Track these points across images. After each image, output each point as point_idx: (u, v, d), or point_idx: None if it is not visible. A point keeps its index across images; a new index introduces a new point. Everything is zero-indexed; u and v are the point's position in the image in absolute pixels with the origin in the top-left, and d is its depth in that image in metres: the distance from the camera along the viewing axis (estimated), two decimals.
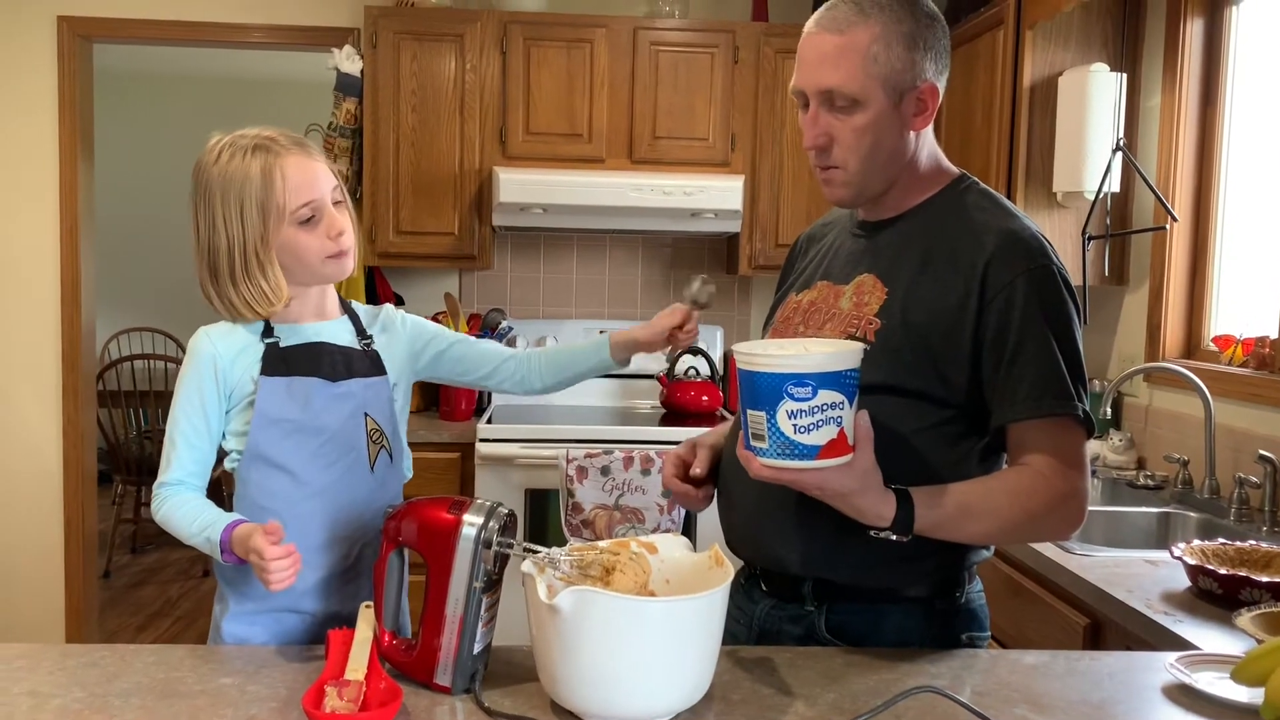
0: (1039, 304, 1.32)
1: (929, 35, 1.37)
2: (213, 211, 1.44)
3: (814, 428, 1.18)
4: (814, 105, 1.38)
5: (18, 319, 3.79)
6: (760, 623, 1.48)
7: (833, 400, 1.17)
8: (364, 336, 1.55)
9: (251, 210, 1.42)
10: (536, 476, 3.22)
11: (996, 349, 1.33)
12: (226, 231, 1.43)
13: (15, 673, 1.26)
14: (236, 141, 1.45)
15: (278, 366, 1.47)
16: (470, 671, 1.23)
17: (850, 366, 1.19)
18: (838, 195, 1.43)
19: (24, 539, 3.85)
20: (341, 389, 1.49)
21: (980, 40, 3.12)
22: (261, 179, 1.42)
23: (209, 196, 1.44)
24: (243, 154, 1.43)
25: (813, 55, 1.36)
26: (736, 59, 3.54)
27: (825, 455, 1.19)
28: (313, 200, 1.44)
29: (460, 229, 3.55)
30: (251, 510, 1.46)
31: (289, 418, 1.46)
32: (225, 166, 1.43)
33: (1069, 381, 1.32)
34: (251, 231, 1.43)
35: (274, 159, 1.43)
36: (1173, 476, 2.58)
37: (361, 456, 1.49)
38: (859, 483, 1.24)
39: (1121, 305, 3.00)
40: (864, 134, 1.36)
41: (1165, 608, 1.69)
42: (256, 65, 6.37)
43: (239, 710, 1.17)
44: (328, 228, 1.45)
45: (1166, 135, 2.77)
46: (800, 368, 1.16)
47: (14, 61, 3.71)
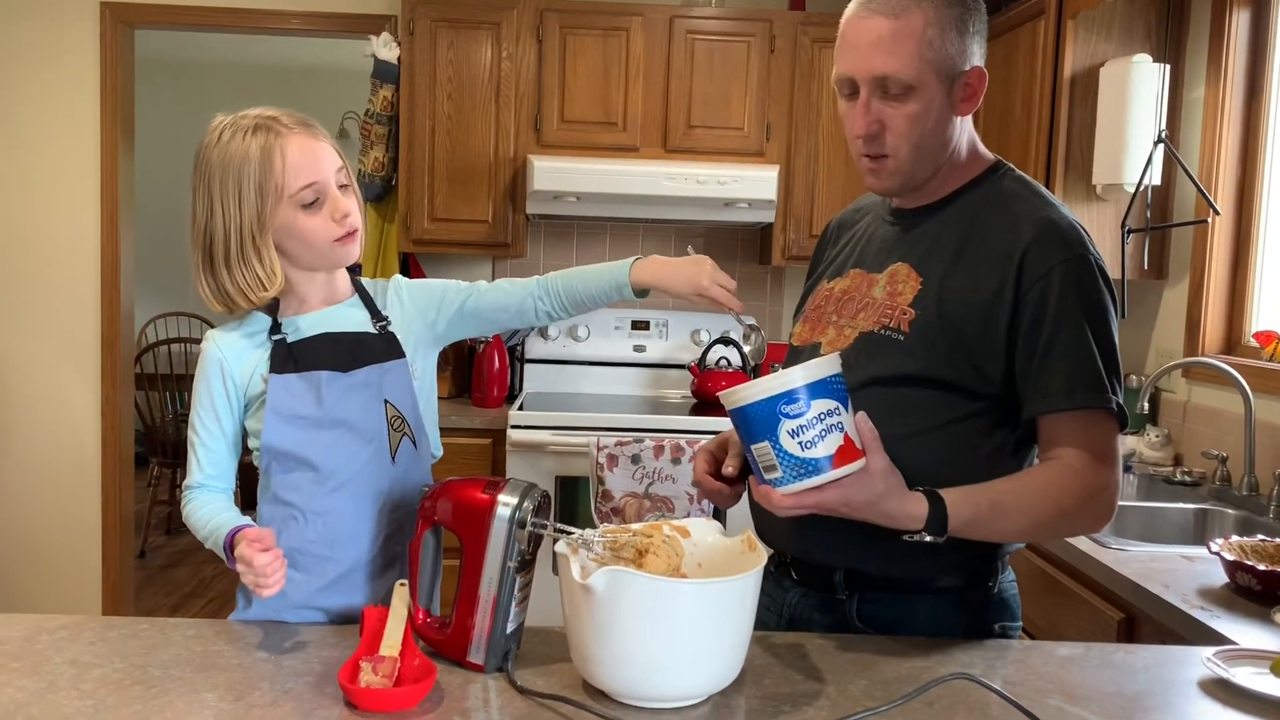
0: (1075, 295, 1.30)
1: (976, 18, 1.35)
2: (210, 194, 1.40)
3: (819, 439, 1.17)
4: (865, 92, 1.34)
5: (59, 301, 3.85)
6: (791, 611, 1.47)
7: (828, 408, 1.17)
8: (378, 317, 1.50)
9: (250, 192, 1.37)
10: (567, 464, 3.23)
11: (1031, 340, 1.31)
12: (224, 215, 1.39)
13: (58, 642, 1.28)
14: (238, 122, 1.41)
15: (286, 364, 1.44)
16: (503, 650, 1.24)
17: (833, 373, 1.19)
18: (886, 184, 1.41)
19: (63, 517, 3.91)
20: (356, 378, 1.45)
21: (1021, 30, 3.09)
22: (260, 159, 1.37)
23: (208, 179, 1.40)
24: (243, 134, 1.39)
25: (865, 40, 1.32)
26: (773, 48, 3.53)
27: (839, 463, 1.18)
28: (315, 182, 1.39)
29: (494, 217, 3.56)
30: (275, 505, 1.46)
31: (302, 414, 1.43)
32: (225, 147, 1.39)
33: (1104, 374, 1.31)
34: (248, 214, 1.38)
35: (274, 139, 1.38)
36: (1210, 473, 2.55)
37: (383, 447, 1.46)
38: (882, 485, 1.22)
39: (1160, 300, 2.97)
40: (918, 121, 1.33)
41: (1202, 603, 1.67)
42: (294, 52, 6.43)
43: (275, 684, 1.18)
44: (332, 210, 1.41)
45: (1210, 128, 2.73)
46: (785, 385, 1.17)
47: (58, 47, 3.76)
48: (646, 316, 3.86)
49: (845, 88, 1.37)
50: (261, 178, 1.37)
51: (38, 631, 1.32)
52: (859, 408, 1.32)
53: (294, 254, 1.44)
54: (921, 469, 1.30)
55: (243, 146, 1.38)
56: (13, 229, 3.82)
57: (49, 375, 3.87)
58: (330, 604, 1.45)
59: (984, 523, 1.29)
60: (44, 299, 3.85)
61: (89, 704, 1.12)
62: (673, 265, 1.54)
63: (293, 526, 1.44)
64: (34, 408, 3.87)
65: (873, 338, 1.38)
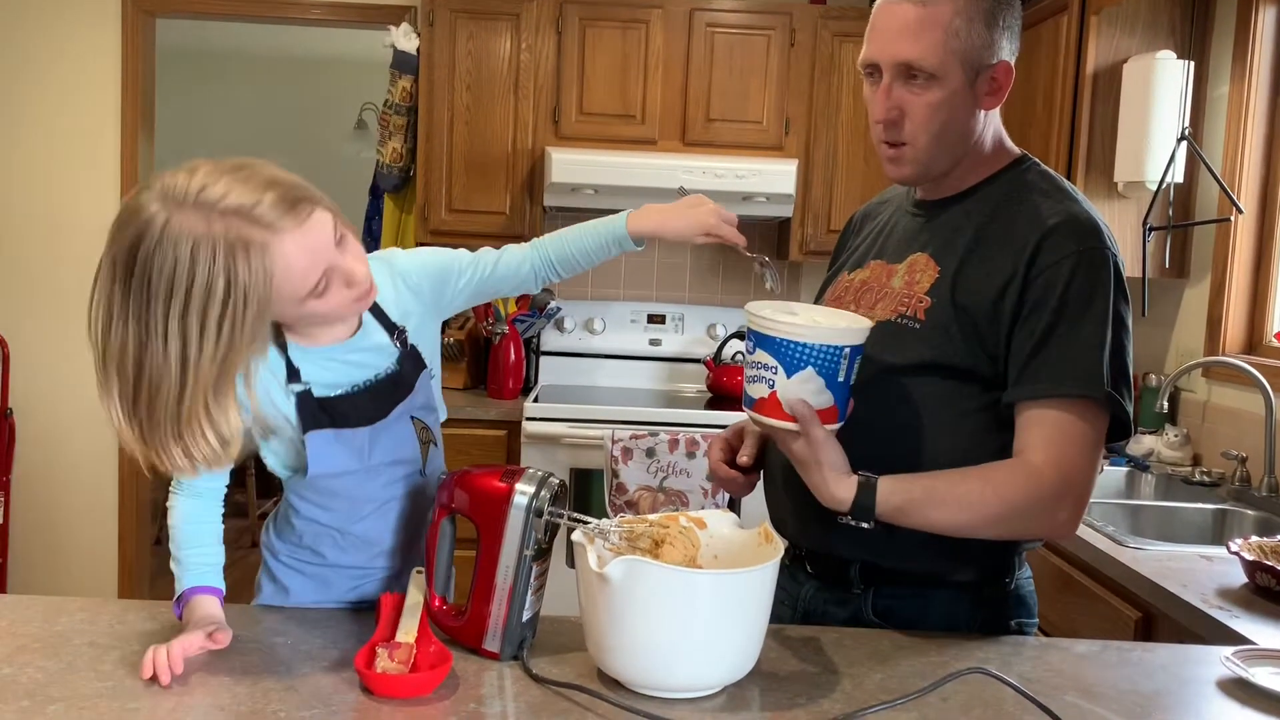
0: (1082, 285, 1.28)
1: (1008, 13, 1.34)
2: (164, 321, 1.08)
3: (751, 381, 1.28)
4: (887, 78, 1.34)
5: (79, 289, 3.85)
6: (806, 605, 1.47)
7: (764, 361, 1.25)
8: (396, 333, 1.37)
9: (216, 327, 1.08)
10: (582, 456, 3.23)
11: (1029, 324, 1.29)
12: (182, 355, 1.08)
13: (77, 624, 1.29)
14: (191, 219, 1.07)
15: (319, 419, 1.29)
16: (519, 639, 1.24)
17: (794, 338, 1.22)
18: (902, 173, 1.40)
19: (81, 503, 3.94)
20: (391, 417, 1.35)
21: (1044, 25, 3.07)
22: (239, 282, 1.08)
23: (152, 295, 1.08)
24: (212, 245, 1.07)
25: (892, 25, 1.32)
26: (793, 41, 3.51)
27: (759, 410, 1.27)
28: (325, 269, 1.18)
29: (511, 208, 3.56)
30: (309, 524, 1.39)
31: (346, 470, 1.33)
32: (167, 267, 1.07)
33: (1101, 364, 1.27)
34: (212, 356, 1.08)
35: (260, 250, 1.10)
36: (1230, 474, 2.53)
37: (415, 462, 1.41)
38: (810, 454, 1.25)
39: (1181, 299, 2.95)
40: (937, 110, 1.33)
41: (1220, 603, 1.66)
42: (313, 43, 6.43)
43: (292, 668, 1.19)
44: (345, 281, 1.21)
45: (1234, 125, 2.71)
46: (751, 324, 1.26)
47: (79, 37, 3.78)
48: (663, 310, 3.86)
49: (869, 72, 1.38)
50: (240, 310, 1.09)
51: (57, 613, 1.32)
52: (874, 396, 1.32)
53: (311, 331, 1.30)
54: (935, 460, 1.29)
55: (204, 263, 1.08)
56: (33, 217, 3.84)
57: (68, 363, 3.89)
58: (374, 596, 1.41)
59: (916, 511, 1.26)
60: (63, 287, 3.87)
61: (107, 685, 1.13)
62: (672, 209, 1.47)
63: (330, 542, 1.41)
64: (53, 393, 3.89)
65: (889, 326, 1.38)
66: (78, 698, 1.10)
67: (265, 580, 1.46)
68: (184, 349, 1.09)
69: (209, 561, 1.32)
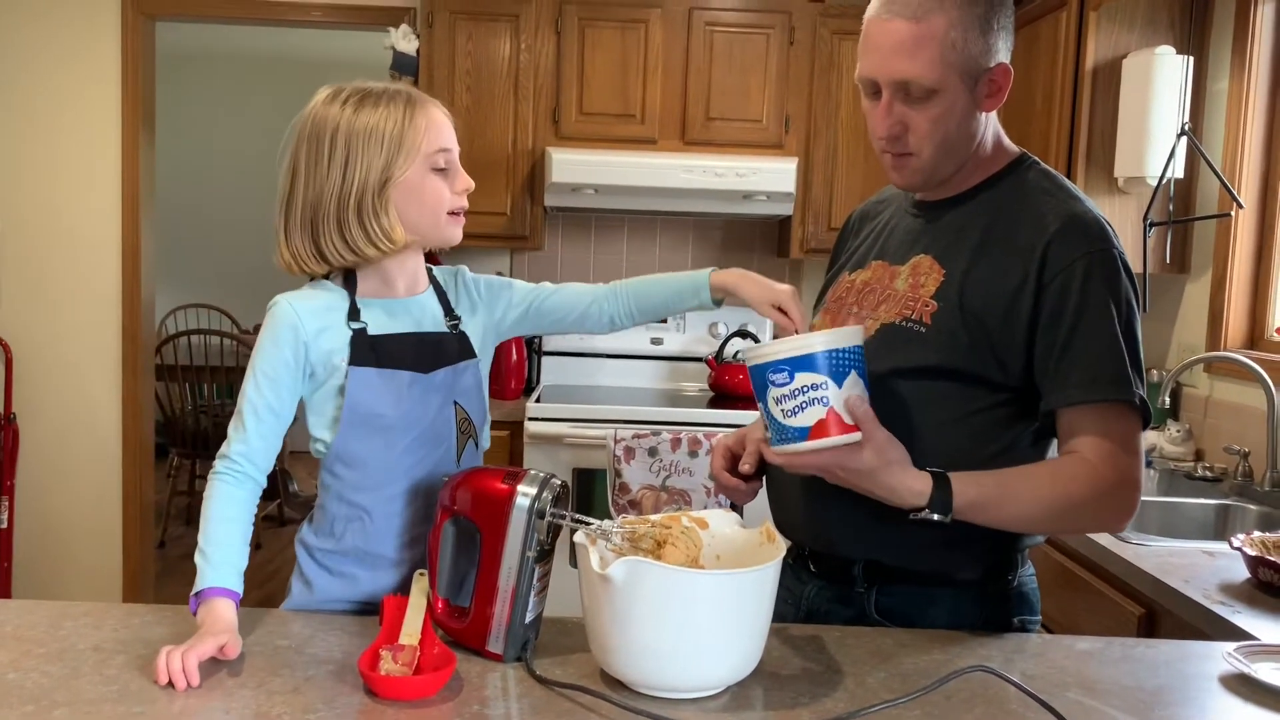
0: (1097, 287, 1.29)
1: (1001, 14, 1.33)
2: (330, 158, 1.36)
3: (798, 410, 1.21)
4: (887, 95, 1.33)
5: (81, 292, 3.88)
6: (809, 604, 1.47)
7: (812, 382, 1.20)
8: (451, 315, 1.49)
9: (386, 149, 1.36)
10: (584, 456, 3.23)
11: (1051, 331, 1.30)
12: (344, 174, 1.36)
13: (82, 629, 1.30)
14: (370, 91, 1.39)
15: (367, 356, 1.39)
16: (522, 640, 1.24)
17: (833, 348, 1.20)
18: (909, 181, 1.41)
19: (84, 507, 3.95)
20: (435, 380, 1.42)
21: (1042, 22, 3.07)
22: (404, 119, 1.37)
23: (330, 143, 1.36)
24: (379, 101, 1.38)
25: (886, 43, 1.31)
26: (792, 40, 3.51)
27: (815, 436, 1.21)
28: (449, 149, 1.41)
29: (512, 209, 3.56)
30: (341, 504, 1.42)
31: (381, 413, 1.39)
32: (356, 114, 1.37)
33: (1126, 366, 1.29)
34: (377, 166, 1.36)
35: (419, 105, 1.39)
36: (1232, 469, 2.53)
37: (450, 450, 1.44)
38: (876, 459, 1.23)
39: (1182, 294, 2.95)
40: (940, 122, 1.33)
41: (1223, 598, 1.66)
42: (313, 45, 6.45)
43: (296, 671, 1.19)
44: (454, 181, 1.42)
45: (1234, 120, 2.71)
46: (773, 355, 1.21)
47: (80, 39, 3.78)
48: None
49: (868, 88, 1.36)
50: (403, 135, 1.36)
51: (61, 617, 1.33)
52: (878, 398, 1.32)
53: (410, 220, 1.40)
54: (940, 460, 1.29)
55: (382, 112, 1.37)
56: (35, 220, 3.84)
57: (71, 365, 3.90)
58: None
59: (990, 505, 1.28)
60: (66, 290, 3.88)
61: (113, 689, 1.13)
62: (755, 275, 1.52)
63: (359, 527, 1.42)
64: (56, 397, 3.90)
65: (894, 329, 1.38)
66: (82, 702, 1.10)
67: (295, 580, 1.47)
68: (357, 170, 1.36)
69: (233, 563, 1.32)
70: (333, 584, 1.44)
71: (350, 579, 1.44)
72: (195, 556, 1.32)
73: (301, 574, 1.46)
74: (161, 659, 1.15)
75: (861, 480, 1.25)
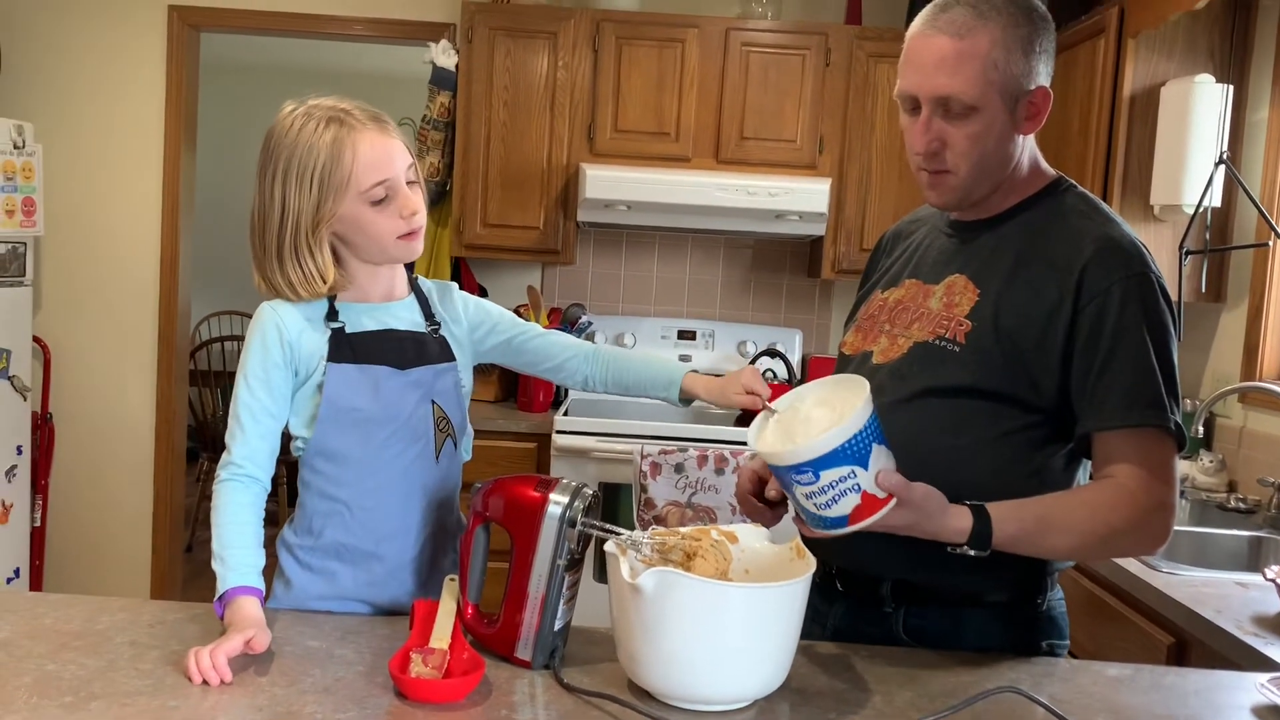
0: (1135, 311, 1.29)
1: (1044, 38, 1.34)
2: (274, 181, 1.39)
3: (833, 502, 1.18)
4: (926, 111, 1.34)
5: (120, 297, 3.94)
6: (836, 623, 1.47)
7: (839, 475, 1.16)
8: (431, 320, 1.52)
9: (313, 185, 1.36)
10: (610, 470, 3.24)
11: (1088, 354, 1.30)
12: (283, 204, 1.38)
13: (118, 624, 1.32)
14: (311, 111, 1.40)
15: (344, 353, 1.43)
16: (550, 648, 1.25)
17: (848, 438, 1.15)
18: (945, 199, 1.41)
19: (116, 508, 4.00)
20: (411, 377, 1.46)
21: (1080, 48, 3.06)
22: (331, 152, 1.36)
23: (274, 165, 1.39)
24: (315, 124, 1.38)
25: (929, 59, 1.32)
26: (828, 61, 3.53)
27: (856, 519, 1.18)
28: (387, 179, 1.39)
29: (545, 223, 3.59)
30: (321, 499, 1.46)
31: (358, 407, 1.42)
32: (295, 136, 1.38)
33: (1163, 392, 1.29)
34: (308, 206, 1.37)
35: (347, 133, 1.37)
36: (1266, 501, 2.50)
37: (429, 446, 1.47)
38: (916, 514, 1.21)
39: (1218, 323, 2.92)
40: (978, 140, 1.33)
41: (1256, 630, 1.65)
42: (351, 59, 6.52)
43: (326, 671, 1.21)
44: (401, 207, 1.40)
45: (1273, 150, 2.69)
46: (792, 458, 1.16)
47: (127, 49, 3.86)
48: (693, 326, 3.87)
49: (908, 104, 1.37)
50: (328, 172, 1.37)
51: (99, 612, 1.35)
52: (910, 417, 1.32)
53: (358, 247, 1.44)
54: (972, 481, 1.29)
55: (314, 137, 1.37)
56: (77, 225, 3.91)
57: (108, 368, 3.96)
58: (376, 598, 1.47)
59: (1030, 539, 1.28)
60: (105, 294, 3.94)
61: (148, 683, 1.15)
62: (719, 384, 1.56)
63: (338, 521, 1.46)
64: (93, 399, 3.96)
65: (928, 348, 1.38)
66: (119, 694, 1.12)
67: (276, 580, 1.50)
68: (290, 199, 1.39)
69: (251, 562, 1.35)
70: (313, 581, 1.47)
71: (329, 575, 1.46)
72: (213, 564, 1.35)
73: (282, 574, 1.49)
74: (190, 659, 1.17)
75: (903, 532, 1.24)
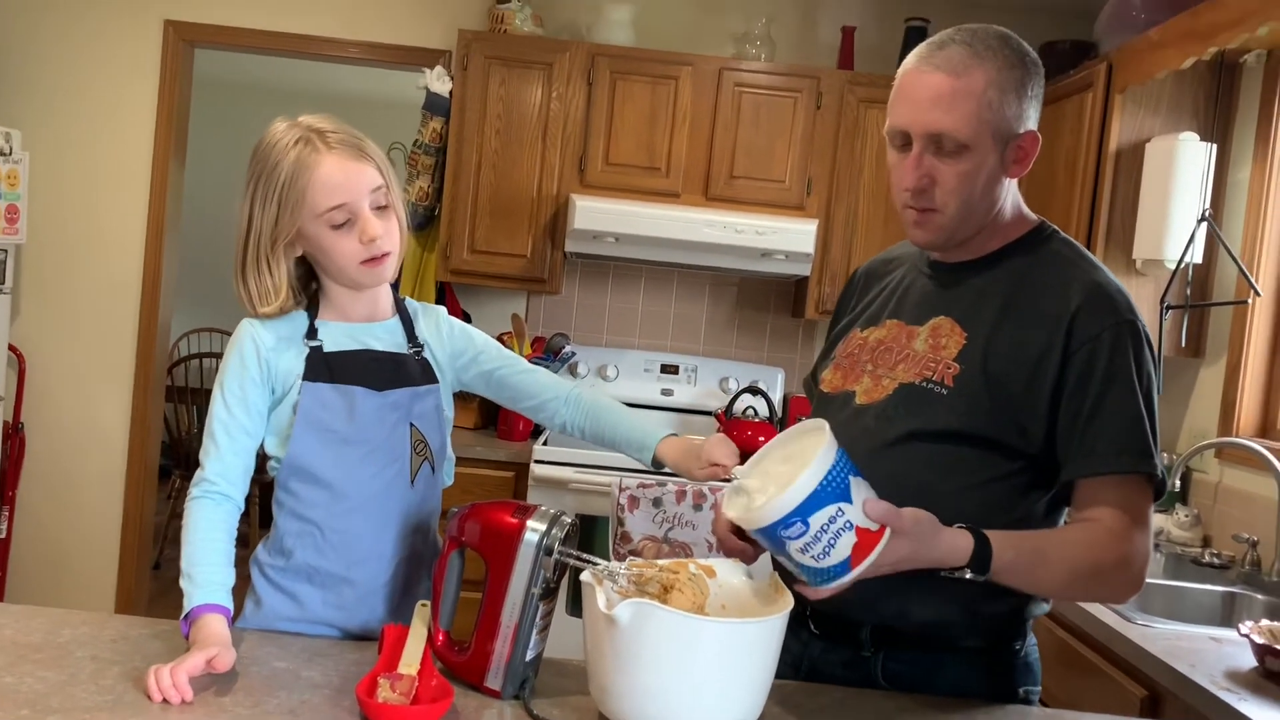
0: (1125, 358, 1.30)
1: (1035, 82, 1.35)
2: (246, 194, 1.40)
3: (830, 547, 1.12)
4: (918, 146, 1.34)
5: (100, 309, 3.90)
6: (811, 664, 1.45)
7: (828, 517, 1.11)
8: (414, 343, 1.50)
9: (272, 200, 1.37)
10: (588, 502, 3.22)
11: (1076, 400, 1.30)
12: (249, 216, 1.39)
13: (80, 638, 1.29)
14: (290, 129, 1.40)
15: (321, 372, 1.42)
16: (521, 678, 1.23)
17: (823, 477, 1.10)
18: (929, 238, 1.40)
19: (84, 522, 3.93)
20: (389, 398, 1.44)
21: (1069, 101, 3.11)
22: (292, 172, 1.36)
23: (249, 178, 1.41)
24: (288, 143, 1.38)
25: (924, 95, 1.32)
26: (819, 104, 3.56)
27: (859, 559, 1.12)
28: (345, 204, 1.37)
29: (533, 252, 3.59)
30: (293, 520, 1.44)
31: (333, 427, 1.41)
32: (269, 151, 1.39)
33: (1149, 440, 1.29)
34: (267, 222, 1.38)
35: (311, 153, 1.37)
36: (1240, 556, 2.51)
37: (404, 469, 1.45)
38: (913, 543, 1.16)
39: (1196, 378, 2.94)
40: (968, 179, 1.33)
41: (1229, 685, 1.64)
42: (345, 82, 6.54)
43: (293, 693, 1.18)
44: (360, 232, 1.39)
45: (1254, 209, 2.73)
46: (776, 512, 1.11)
47: (121, 61, 3.85)
48: (676, 361, 3.87)
49: (898, 139, 1.37)
50: (285, 190, 1.37)
51: (60, 625, 1.32)
52: (895, 459, 1.31)
53: (325, 269, 1.44)
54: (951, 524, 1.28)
55: (281, 155, 1.38)
56: (61, 234, 3.88)
57: (83, 380, 3.92)
58: (346, 623, 1.44)
59: (1025, 568, 1.24)
60: (86, 305, 3.90)
61: (107, 699, 1.12)
62: (691, 455, 1.49)
63: (310, 542, 1.43)
64: (66, 410, 3.91)
65: (914, 390, 1.38)
66: (77, 710, 1.09)
67: (248, 599, 1.48)
68: (257, 214, 1.40)
69: (220, 580, 1.33)
70: (282, 603, 1.45)
71: (296, 600, 1.44)
72: (181, 581, 1.32)
73: (254, 593, 1.47)
74: (150, 677, 1.14)
75: (904, 565, 1.18)
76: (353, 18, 3.85)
